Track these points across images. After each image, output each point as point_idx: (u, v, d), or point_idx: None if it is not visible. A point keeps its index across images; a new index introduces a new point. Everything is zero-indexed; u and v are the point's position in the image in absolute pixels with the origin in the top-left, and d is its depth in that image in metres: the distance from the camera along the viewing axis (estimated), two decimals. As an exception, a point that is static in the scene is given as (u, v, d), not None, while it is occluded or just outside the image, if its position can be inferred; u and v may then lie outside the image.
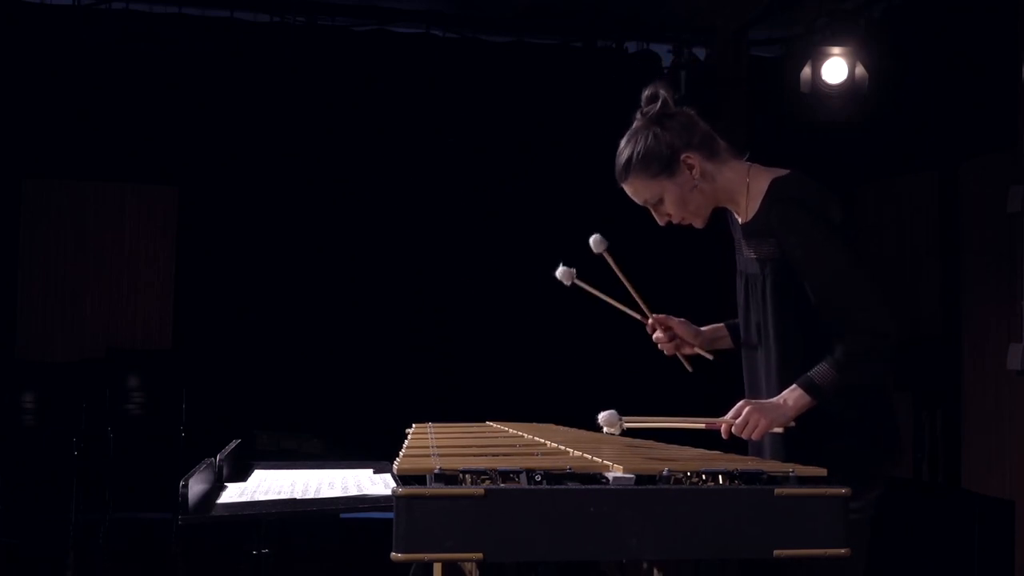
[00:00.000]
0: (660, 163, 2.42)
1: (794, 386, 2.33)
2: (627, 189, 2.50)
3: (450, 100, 7.13)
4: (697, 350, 2.69)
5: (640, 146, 2.43)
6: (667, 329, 2.68)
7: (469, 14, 7.13)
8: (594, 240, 2.61)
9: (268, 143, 6.91)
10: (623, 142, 2.48)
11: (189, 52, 6.81)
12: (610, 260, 2.60)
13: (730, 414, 2.34)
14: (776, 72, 6.83)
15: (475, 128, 7.15)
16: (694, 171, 2.43)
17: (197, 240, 6.96)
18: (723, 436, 2.37)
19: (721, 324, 2.72)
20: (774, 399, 2.35)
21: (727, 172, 2.46)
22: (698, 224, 2.51)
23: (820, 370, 2.30)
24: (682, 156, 2.42)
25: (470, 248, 7.14)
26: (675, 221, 2.50)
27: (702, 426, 2.37)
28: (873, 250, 6.87)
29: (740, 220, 2.51)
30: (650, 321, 2.69)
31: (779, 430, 2.33)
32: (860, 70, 6.04)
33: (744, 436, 2.33)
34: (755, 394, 2.47)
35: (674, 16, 6.99)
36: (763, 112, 6.81)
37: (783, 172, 2.44)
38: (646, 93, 2.48)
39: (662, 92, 2.46)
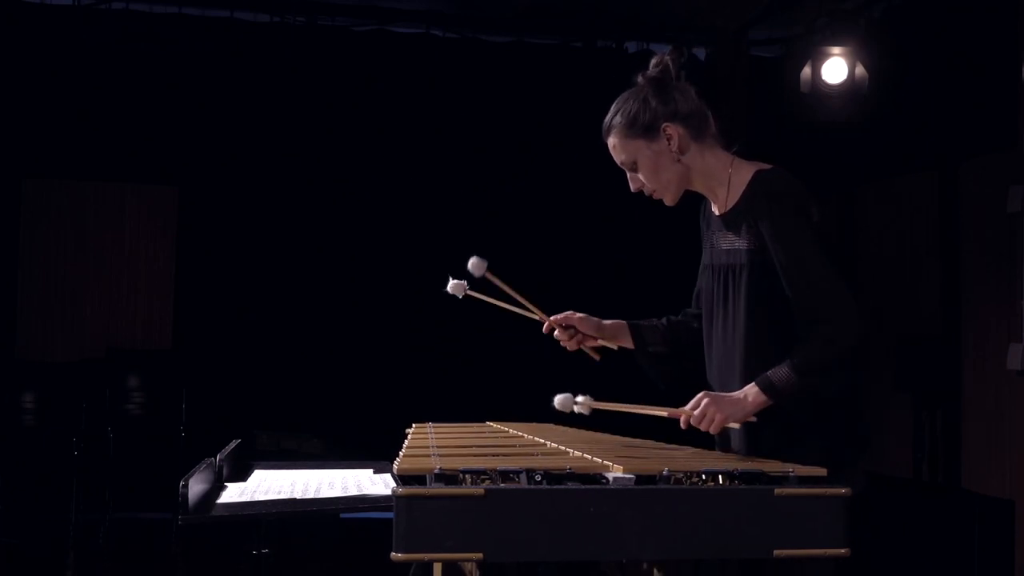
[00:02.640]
0: (640, 125, 2.43)
1: (752, 384, 2.32)
2: (608, 145, 2.51)
3: (450, 100, 7.13)
4: (601, 342, 2.74)
5: (627, 105, 2.46)
6: (567, 327, 2.72)
7: (469, 14, 7.13)
8: (473, 264, 2.73)
9: (268, 143, 6.91)
10: (616, 100, 2.51)
11: (189, 52, 6.81)
12: (494, 280, 2.67)
13: (689, 405, 2.35)
14: (776, 72, 6.83)
15: (475, 128, 7.15)
16: (672, 143, 2.43)
17: (197, 240, 6.96)
18: (682, 426, 2.38)
19: (623, 322, 2.75)
20: (734, 394, 2.35)
21: (709, 157, 2.46)
22: (668, 200, 2.50)
23: (779, 372, 2.29)
24: (663, 124, 2.43)
25: (470, 248, 7.10)
26: (647, 191, 2.50)
27: (664, 414, 2.37)
28: (873, 250, 6.87)
29: (717, 211, 2.50)
30: (545, 325, 2.73)
31: (735, 425, 2.33)
32: (860, 70, 6.04)
33: (702, 428, 2.33)
34: (724, 388, 2.44)
35: (674, 16, 6.99)
36: (763, 112, 6.81)
37: (766, 166, 2.43)
38: (654, 59, 2.50)
39: (667, 59, 2.48)
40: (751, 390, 2.31)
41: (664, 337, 2.74)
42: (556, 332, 2.73)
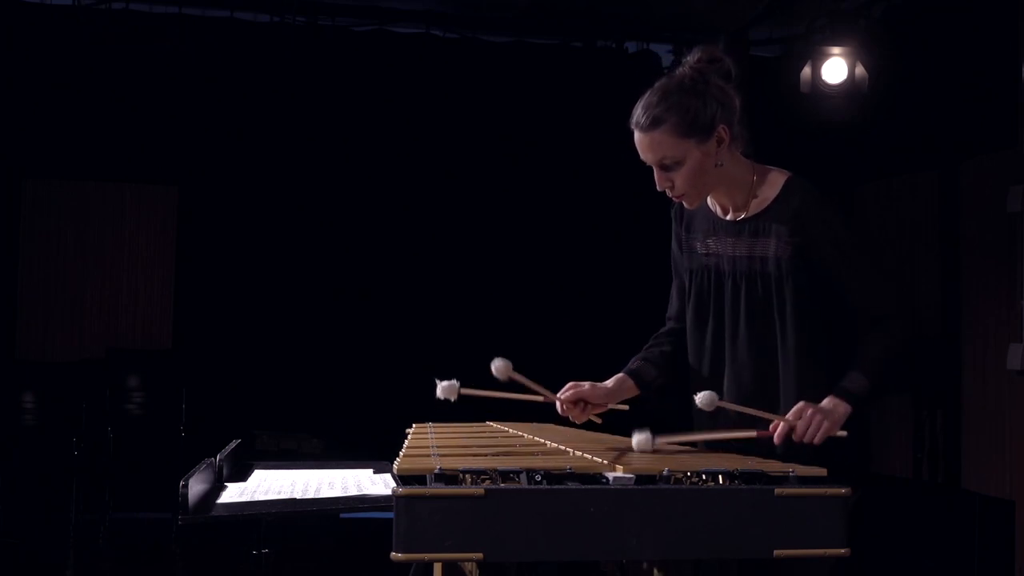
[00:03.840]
0: (698, 126, 2.30)
1: (832, 397, 2.26)
2: (644, 140, 2.32)
3: (450, 100, 7.13)
4: (612, 406, 2.55)
5: (683, 100, 2.30)
6: (578, 401, 2.49)
7: (469, 14, 7.13)
8: (497, 367, 2.40)
9: (268, 143, 6.92)
10: (658, 90, 2.33)
11: (189, 52, 6.81)
12: (521, 379, 2.38)
13: (791, 415, 2.25)
14: (776, 72, 6.83)
15: (475, 128, 7.15)
16: (721, 146, 2.34)
17: (197, 240, 6.97)
18: (776, 442, 2.24)
19: (623, 375, 2.58)
20: (824, 405, 2.26)
21: (737, 163, 2.41)
22: (693, 202, 2.42)
23: (854, 381, 2.27)
24: (719, 127, 2.33)
25: (470, 248, 7.15)
26: (674, 193, 2.37)
27: (752, 435, 2.26)
28: (873, 250, 6.87)
29: (727, 215, 2.45)
30: (558, 405, 2.48)
31: (843, 433, 2.25)
32: (860, 70, 6.05)
33: (806, 438, 2.23)
34: (755, 399, 2.35)
35: (674, 16, 6.99)
36: (763, 112, 6.79)
37: (788, 172, 2.43)
38: (700, 54, 2.38)
39: (729, 61, 2.40)
40: (834, 402, 2.26)
41: (662, 370, 2.60)
42: (564, 409, 2.49)
